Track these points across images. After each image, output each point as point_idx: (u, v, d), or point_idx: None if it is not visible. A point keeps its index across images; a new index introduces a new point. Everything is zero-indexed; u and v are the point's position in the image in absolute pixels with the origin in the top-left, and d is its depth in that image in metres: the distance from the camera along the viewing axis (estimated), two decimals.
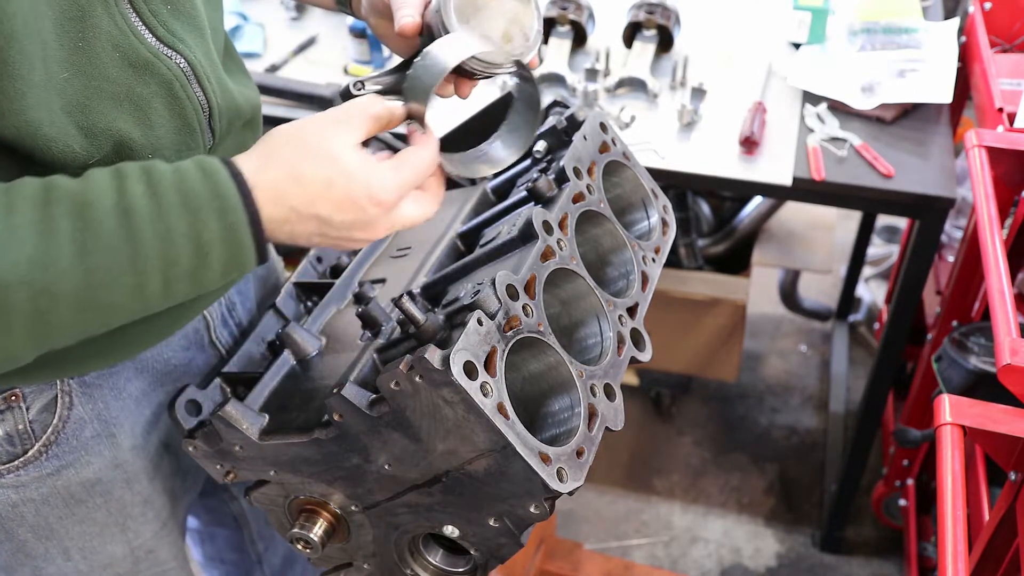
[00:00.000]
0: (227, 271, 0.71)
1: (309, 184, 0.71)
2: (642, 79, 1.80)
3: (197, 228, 0.68)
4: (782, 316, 2.77)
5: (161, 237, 0.67)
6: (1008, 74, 1.62)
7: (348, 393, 0.77)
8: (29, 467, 0.87)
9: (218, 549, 1.30)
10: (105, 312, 0.68)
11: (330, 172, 0.71)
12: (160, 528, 1.02)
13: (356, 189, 0.72)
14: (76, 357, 0.84)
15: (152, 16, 0.76)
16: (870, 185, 1.58)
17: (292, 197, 0.71)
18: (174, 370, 0.96)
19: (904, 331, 1.74)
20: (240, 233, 0.69)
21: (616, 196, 1.01)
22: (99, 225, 0.65)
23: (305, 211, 0.72)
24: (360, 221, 0.74)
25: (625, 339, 0.88)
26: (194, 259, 0.69)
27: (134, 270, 0.67)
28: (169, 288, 0.69)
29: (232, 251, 0.70)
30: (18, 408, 0.84)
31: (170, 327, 0.91)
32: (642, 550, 2.19)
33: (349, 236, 0.75)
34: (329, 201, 0.72)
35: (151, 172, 0.68)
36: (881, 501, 2.10)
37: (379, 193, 0.73)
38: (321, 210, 0.72)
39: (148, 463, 0.97)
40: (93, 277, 0.65)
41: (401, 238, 1.10)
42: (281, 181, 0.71)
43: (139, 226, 0.66)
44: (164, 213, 0.67)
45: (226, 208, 0.68)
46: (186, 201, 0.68)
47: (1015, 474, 1.08)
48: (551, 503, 0.77)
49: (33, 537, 0.92)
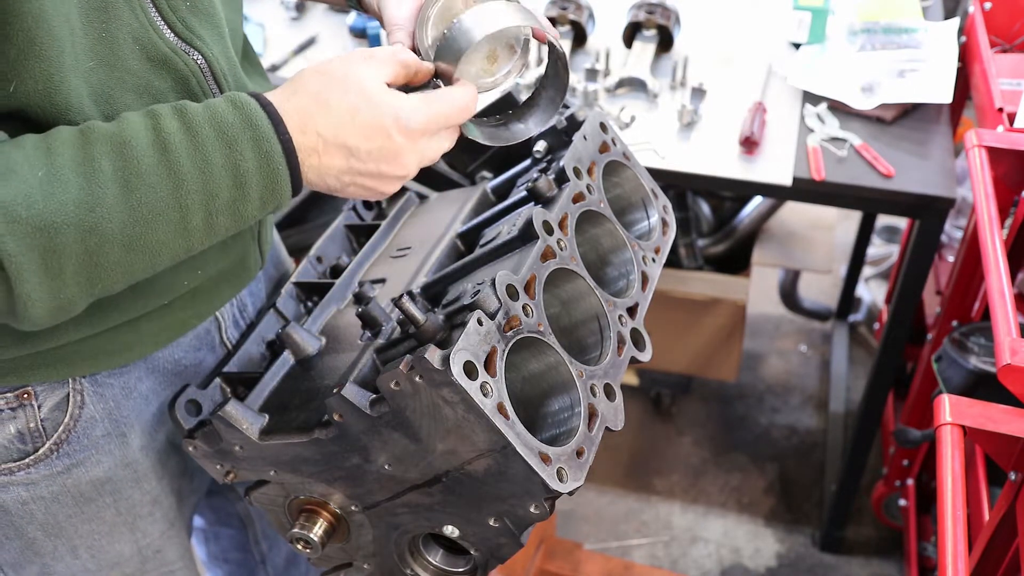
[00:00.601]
0: (265, 202, 0.72)
1: (335, 110, 0.72)
2: (642, 79, 1.80)
3: (234, 159, 0.69)
4: (782, 316, 2.77)
5: (200, 170, 0.68)
6: (1008, 74, 1.62)
7: (348, 393, 0.77)
8: (40, 465, 0.88)
9: (222, 549, 1.30)
10: (152, 251, 0.69)
11: (356, 100, 0.72)
12: (168, 528, 1.02)
13: (383, 115, 0.73)
14: (88, 355, 0.84)
15: (171, 12, 0.77)
16: (870, 185, 1.58)
17: (319, 124, 0.72)
18: (185, 370, 0.96)
19: (904, 331, 1.74)
20: (275, 161, 0.70)
21: (616, 196, 1.01)
22: (139, 163, 0.66)
23: (332, 139, 0.72)
24: (387, 150, 0.74)
25: (625, 339, 0.88)
26: (233, 190, 0.70)
27: (177, 205, 0.68)
28: (211, 222, 0.70)
29: (268, 180, 0.71)
30: (30, 406, 0.85)
31: (183, 327, 0.92)
32: (642, 550, 2.19)
33: (377, 171, 0.75)
34: (355, 128, 0.72)
35: (184, 110, 0.70)
36: (881, 501, 2.10)
37: (407, 120, 0.73)
38: (348, 138, 0.73)
39: (157, 463, 0.97)
40: (138, 214, 0.67)
41: (401, 238, 1.11)
42: (307, 107, 0.72)
43: (178, 161, 0.68)
44: (201, 146, 0.68)
45: (259, 137, 0.70)
46: (221, 133, 0.69)
47: (1015, 474, 1.08)
48: (551, 503, 0.77)
49: (42, 535, 0.93)
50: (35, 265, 0.64)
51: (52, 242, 0.64)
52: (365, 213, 1.18)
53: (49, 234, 0.64)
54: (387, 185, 0.77)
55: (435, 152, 0.78)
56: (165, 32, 0.77)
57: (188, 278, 0.86)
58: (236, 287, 0.96)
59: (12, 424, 0.85)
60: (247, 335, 1.00)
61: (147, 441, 0.95)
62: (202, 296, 0.91)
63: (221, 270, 0.91)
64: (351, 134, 0.73)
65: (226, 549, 1.30)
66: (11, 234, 0.62)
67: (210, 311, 0.94)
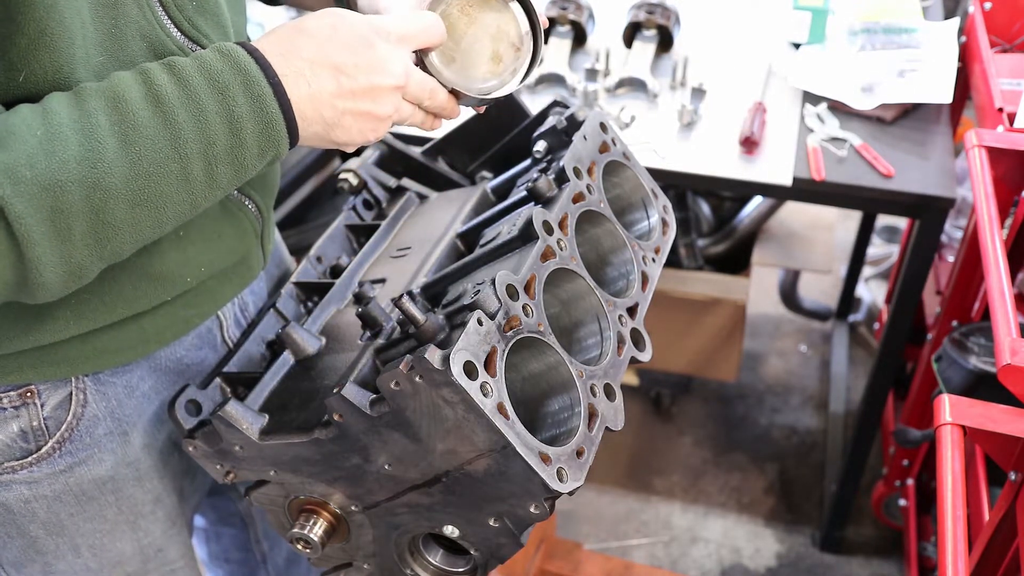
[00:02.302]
0: (263, 148, 0.73)
1: (314, 32, 0.74)
2: (642, 79, 1.80)
3: (227, 104, 0.70)
4: (782, 316, 2.77)
5: (195, 118, 0.69)
6: (1008, 74, 1.62)
7: (348, 393, 0.77)
8: (42, 464, 0.88)
9: (223, 548, 1.30)
10: (156, 206, 0.69)
11: (332, 19, 0.75)
12: (169, 527, 1.02)
13: (360, 26, 0.76)
14: (91, 353, 0.84)
15: (178, 11, 0.78)
16: (870, 185, 1.58)
17: (300, 47, 0.74)
18: (187, 369, 0.96)
19: (904, 331, 1.74)
20: (267, 104, 0.71)
21: (616, 196, 1.01)
22: (135, 116, 0.67)
23: (317, 59, 0.74)
24: (374, 59, 0.75)
25: (625, 339, 0.88)
26: (230, 137, 0.71)
27: (177, 155, 0.69)
28: (212, 172, 0.71)
29: (263, 124, 0.72)
30: (33, 405, 0.85)
31: (186, 325, 0.92)
32: (642, 550, 2.19)
33: (369, 83, 0.75)
34: (337, 44, 0.74)
35: (172, 63, 0.71)
36: (881, 501, 2.10)
37: (384, 24, 0.77)
38: (333, 54, 0.74)
39: (159, 461, 0.97)
40: (139, 167, 0.67)
41: (401, 238, 1.11)
42: (285, 35, 0.74)
43: (172, 111, 0.68)
44: (193, 95, 0.69)
45: (249, 81, 0.71)
46: (212, 81, 0.70)
47: (1015, 474, 1.08)
48: (551, 503, 0.77)
49: (44, 533, 0.93)
50: (44, 226, 0.64)
51: (58, 201, 0.64)
52: (365, 213, 1.18)
53: (55, 193, 0.64)
54: (382, 103, 0.77)
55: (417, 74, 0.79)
56: (172, 31, 0.78)
57: (192, 275, 0.87)
58: (239, 286, 0.96)
59: (15, 423, 0.85)
60: (247, 335, 1.00)
61: (149, 440, 0.95)
62: (205, 294, 0.91)
63: (224, 268, 0.91)
64: (334, 50, 0.74)
65: (227, 549, 1.30)
66: (17, 195, 0.62)
67: (212, 309, 0.94)
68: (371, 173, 1.19)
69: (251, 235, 0.93)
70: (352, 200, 1.18)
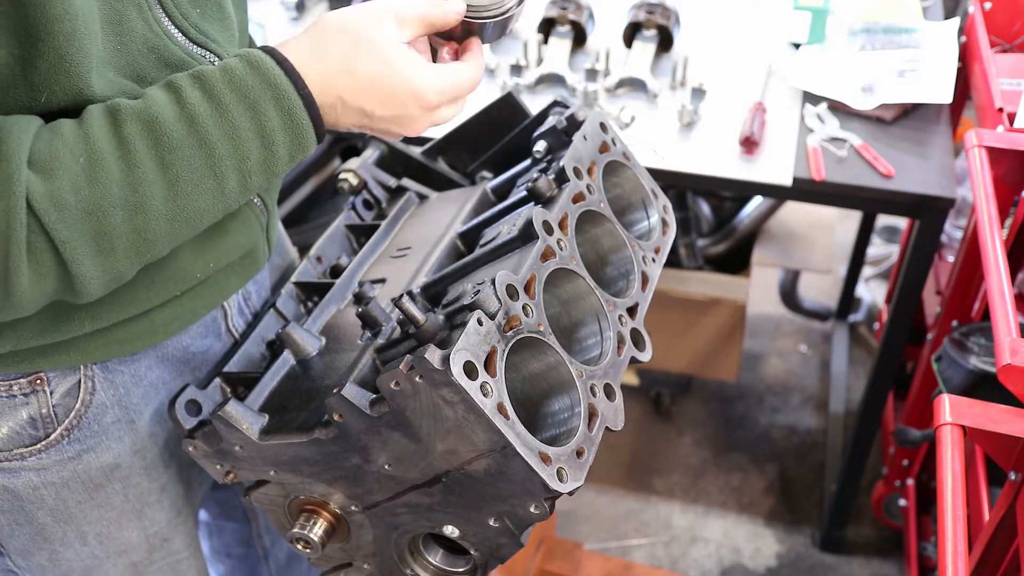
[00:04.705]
0: (293, 155, 0.76)
1: (359, 77, 0.76)
2: (642, 79, 1.80)
3: (259, 120, 0.73)
4: (782, 316, 2.77)
5: (229, 136, 0.72)
6: (1008, 74, 1.62)
7: (348, 393, 0.77)
8: (51, 450, 0.89)
9: (225, 543, 1.31)
10: (194, 219, 0.73)
11: (380, 68, 0.77)
12: (175, 516, 1.03)
13: (402, 89, 0.78)
14: (101, 343, 0.85)
15: (183, 19, 0.79)
16: (870, 185, 1.58)
17: (341, 88, 0.76)
18: (193, 358, 0.97)
19: (904, 331, 1.74)
20: (297, 117, 0.74)
21: (616, 196, 1.01)
22: (170, 138, 0.70)
23: (351, 103, 0.77)
24: (402, 117, 0.80)
25: (625, 339, 0.88)
26: (262, 151, 0.74)
27: (212, 173, 0.72)
28: (246, 183, 0.74)
29: (294, 135, 0.75)
30: (42, 392, 0.86)
31: (192, 316, 0.93)
32: (642, 550, 2.19)
33: (387, 130, 0.82)
34: (375, 97, 0.77)
35: (202, 77, 0.72)
36: (881, 501, 2.10)
37: (424, 95, 0.78)
38: (366, 104, 0.77)
39: (165, 450, 0.98)
40: (177, 188, 0.70)
41: (401, 238, 1.11)
42: (332, 72, 0.76)
43: (206, 130, 0.71)
44: (225, 113, 0.71)
45: (279, 96, 0.73)
46: (242, 97, 0.72)
47: (1015, 474, 1.08)
48: (551, 503, 0.77)
49: (52, 521, 0.93)
50: (88, 248, 0.68)
51: (101, 224, 0.68)
52: (365, 213, 1.18)
53: (98, 217, 0.67)
54: (394, 137, 0.84)
55: (444, 119, 0.83)
56: (178, 38, 0.78)
57: (201, 270, 0.88)
58: (244, 278, 0.97)
59: (25, 410, 0.86)
60: (247, 334, 1.00)
61: (156, 429, 0.96)
62: (212, 287, 0.92)
63: (231, 262, 0.92)
64: (369, 101, 0.77)
65: (229, 544, 1.31)
66: (62, 221, 0.66)
67: (219, 301, 0.95)
68: (371, 173, 1.19)
69: (257, 229, 0.94)
70: (352, 200, 1.18)
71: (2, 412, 0.86)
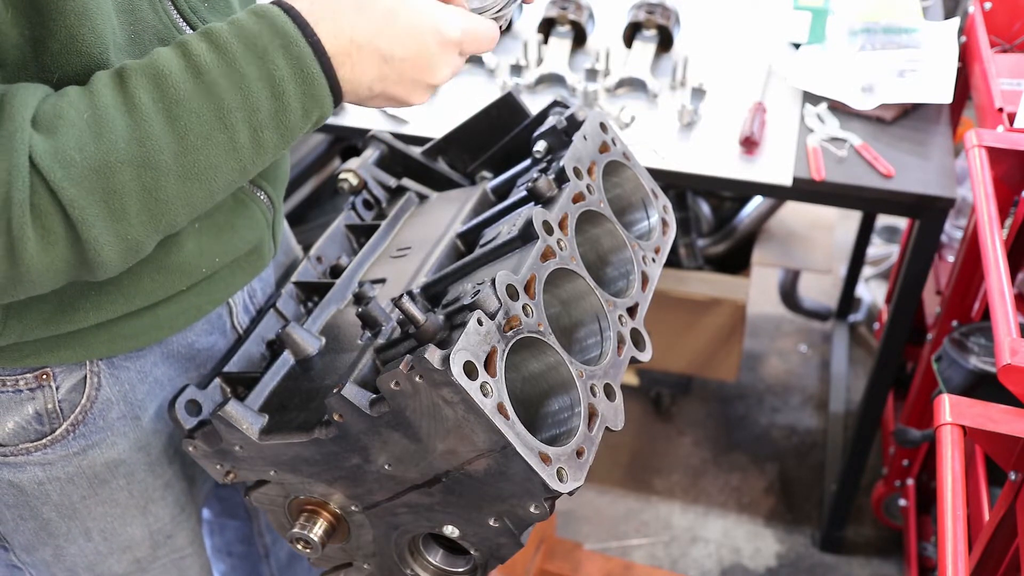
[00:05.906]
0: (307, 110, 0.72)
1: (371, 13, 0.72)
2: (642, 79, 1.80)
3: (268, 69, 0.69)
4: (782, 316, 2.77)
5: (237, 86, 0.68)
6: (1008, 74, 1.62)
7: (348, 393, 0.77)
8: (56, 446, 0.89)
9: (227, 541, 1.31)
10: (206, 177, 0.70)
11: (394, 3, 0.72)
12: (179, 513, 1.03)
13: (422, 20, 0.73)
14: (106, 338, 0.85)
15: (191, 12, 0.78)
16: (870, 185, 1.58)
17: (355, 30, 0.71)
18: (198, 354, 0.97)
19: (904, 331, 1.74)
20: (307, 64, 0.70)
21: (616, 196, 1.01)
22: (177, 90, 0.67)
23: (366, 44, 0.72)
24: (423, 58, 0.74)
25: (625, 339, 0.88)
26: (273, 101, 0.70)
27: (222, 125, 0.68)
28: (258, 138, 0.71)
29: (305, 86, 0.71)
30: (48, 387, 0.86)
31: (198, 312, 0.93)
32: (642, 550, 2.19)
33: (409, 78, 0.75)
34: (391, 33, 0.72)
35: (208, 31, 0.70)
36: (881, 501, 2.10)
37: (446, 29, 0.74)
38: (382, 43, 0.72)
39: (169, 447, 0.98)
40: (186, 142, 0.67)
41: (401, 238, 1.11)
42: (342, 11, 0.71)
43: (214, 81, 0.68)
44: (233, 62, 0.69)
45: (287, 43, 0.69)
46: (250, 46, 0.69)
47: (1015, 474, 1.08)
48: (551, 503, 0.77)
49: (56, 516, 0.93)
50: (98, 208, 0.65)
51: (110, 182, 0.65)
52: (365, 213, 1.18)
53: (106, 175, 0.65)
54: (415, 95, 0.77)
55: (459, 67, 0.78)
56: (186, 30, 0.78)
57: (207, 265, 0.88)
58: (250, 274, 0.97)
59: (31, 405, 0.86)
60: (248, 334, 1.00)
61: (160, 425, 0.96)
62: (218, 283, 0.92)
63: (237, 258, 0.92)
64: (385, 40, 0.72)
65: (230, 542, 1.31)
66: (69, 179, 0.64)
67: (224, 297, 0.95)
68: (371, 173, 1.19)
69: (263, 225, 0.94)
70: (352, 200, 1.18)
71: (8, 407, 0.86)
